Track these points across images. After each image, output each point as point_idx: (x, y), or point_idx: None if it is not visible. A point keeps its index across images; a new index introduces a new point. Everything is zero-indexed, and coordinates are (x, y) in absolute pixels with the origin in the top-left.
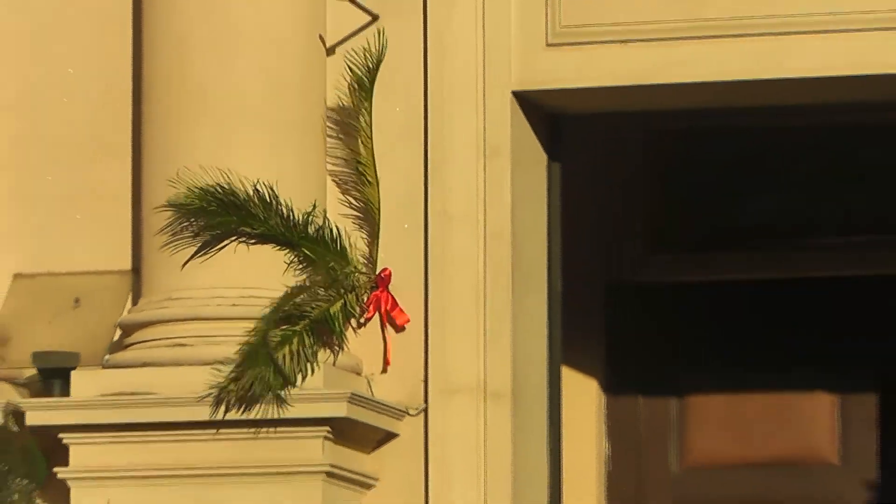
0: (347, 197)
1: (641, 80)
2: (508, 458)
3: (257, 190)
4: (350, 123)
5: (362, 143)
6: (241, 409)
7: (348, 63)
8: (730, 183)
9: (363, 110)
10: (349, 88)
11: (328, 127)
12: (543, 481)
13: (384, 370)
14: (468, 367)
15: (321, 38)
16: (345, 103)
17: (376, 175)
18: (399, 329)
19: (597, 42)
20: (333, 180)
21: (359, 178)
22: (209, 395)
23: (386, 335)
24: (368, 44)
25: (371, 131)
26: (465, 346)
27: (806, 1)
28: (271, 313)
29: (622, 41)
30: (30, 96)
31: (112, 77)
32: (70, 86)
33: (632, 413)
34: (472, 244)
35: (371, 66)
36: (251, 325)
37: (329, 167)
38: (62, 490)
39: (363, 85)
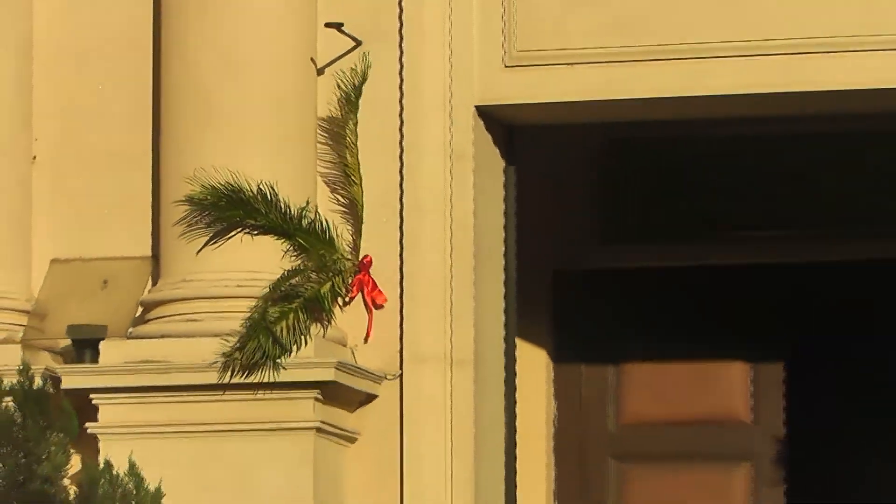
0: (335, 195)
1: (584, 96)
2: (471, 417)
3: (260, 189)
4: (338, 132)
5: (348, 149)
6: (245, 375)
7: (338, 81)
8: (663, 184)
9: (350, 121)
10: (339, 103)
11: (319, 135)
12: (500, 436)
13: (366, 341)
14: (437, 338)
15: (313, 60)
16: (334, 115)
17: (360, 176)
18: (378, 307)
19: (546, 64)
20: (323, 180)
21: (345, 179)
22: (217, 362)
23: (368, 312)
24: (355, 65)
25: (356, 139)
26: (434, 321)
27: (720, 30)
28: (269, 293)
29: (568, 63)
30: (68, 109)
31: (136, 94)
32: (102, 101)
33: (575, 379)
34: (440, 235)
35: (357, 83)
36: (254, 303)
37: (320, 169)
38: (92, 443)
39: (350, 100)
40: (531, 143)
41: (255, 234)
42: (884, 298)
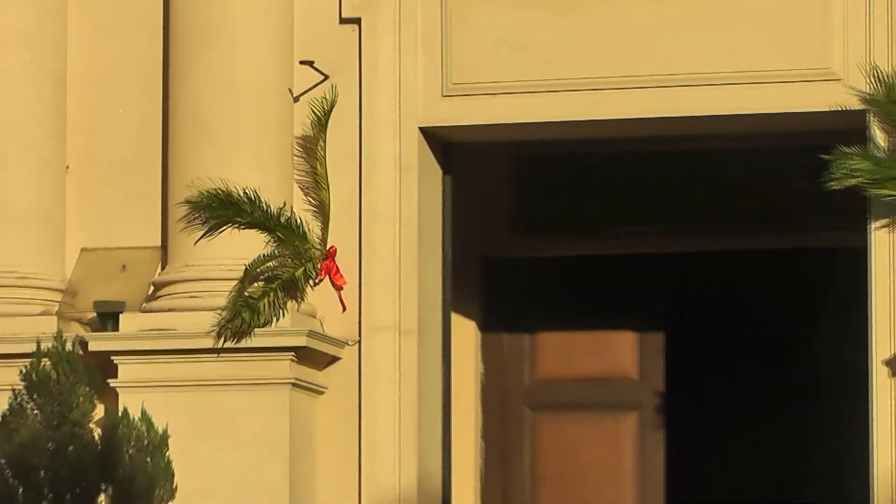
0: (308, 198)
1: (505, 120)
2: (415, 375)
3: (246, 193)
4: (311, 148)
5: (319, 161)
6: (234, 340)
7: (312, 108)
8: (568, 189)
9: (321, 139)
10: (311, 124)
11: (296, 150)
12: (438, 390)
13: (343, 311)
14: (388, 312)
15: (290, 90)
16: (308, 135)
17: (328, 183)
18: (339, 288)
19: (475, 94)
20: (299, 186)
21: (316, 185)
22: (213, 330)
23: (337, 290)
24: (325, 94)
25: (325, 153)
26: (386, 298)
27: (612, 68)
28: (244, 274)
29: (492, 94)
30: (94, 127)
31: (148, 115)
32: (120, 120)
33: (498, 345)
34: (390, 230)
35: (327, 109)
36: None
37: (295, 177)
38: (113, 395)
39: (321, 122)
40: (464, 156)
41: (243, 229)
42: (742, 280)
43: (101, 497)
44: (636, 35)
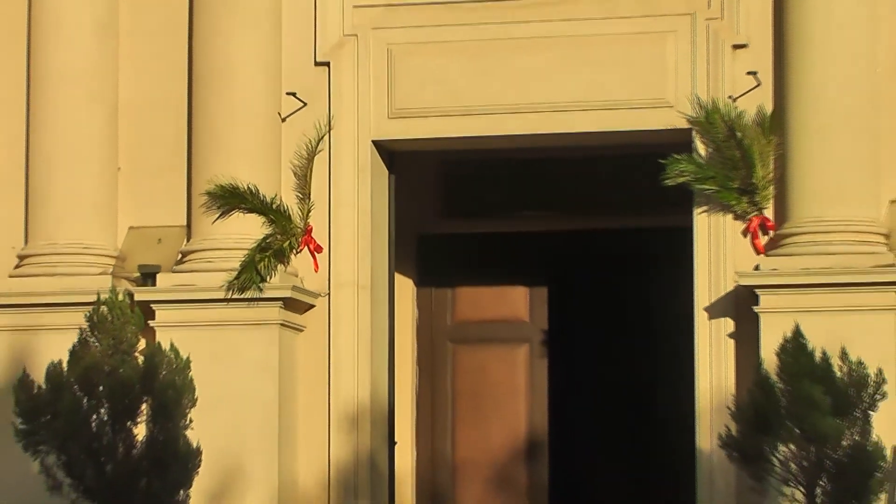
0: (296, 192)
1: (433, 135)
2: (368, 318)
3: (248, 187)
4: (304, 156)
5: (311, 165)
6: (240, 293)
7: (316, 128)
8: (479, 185)
9: (316, 152)
10: (309, 141)
11: (292, 157)
12: (385, 329)
13: (316, 272)
14: (349, 272)
15: (279, 113)
16: (303, 148)
17: (310, 181)
18: (320, 250)
19: (412, 117)
20: (293, 184)
21: (304, 182)
22: (224, 285)
23: (312, 257)
24: (318, 121)
25: (313, 160)
26: (348, 261)
27: (511, 98)
28: (255, 247)
29: (424, 116)
30: (138, 139)
31: (178, 131)
32: (157, 134)
33: (428, 297)
34: (351, 215)
35: (321, 132)
36: (245, 252)
37: (284, 175)
38: (152, 332)
39: (317, 138)
40: (404, 161)
41: (245, 213)
42: (607, 249)
43: (143, 405)
44: (526, 74)
